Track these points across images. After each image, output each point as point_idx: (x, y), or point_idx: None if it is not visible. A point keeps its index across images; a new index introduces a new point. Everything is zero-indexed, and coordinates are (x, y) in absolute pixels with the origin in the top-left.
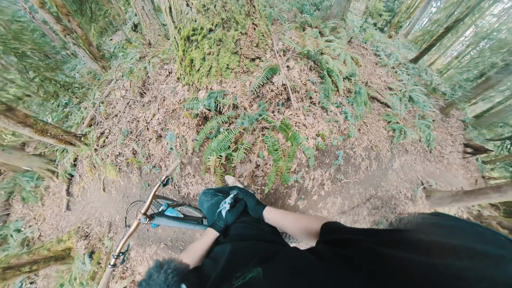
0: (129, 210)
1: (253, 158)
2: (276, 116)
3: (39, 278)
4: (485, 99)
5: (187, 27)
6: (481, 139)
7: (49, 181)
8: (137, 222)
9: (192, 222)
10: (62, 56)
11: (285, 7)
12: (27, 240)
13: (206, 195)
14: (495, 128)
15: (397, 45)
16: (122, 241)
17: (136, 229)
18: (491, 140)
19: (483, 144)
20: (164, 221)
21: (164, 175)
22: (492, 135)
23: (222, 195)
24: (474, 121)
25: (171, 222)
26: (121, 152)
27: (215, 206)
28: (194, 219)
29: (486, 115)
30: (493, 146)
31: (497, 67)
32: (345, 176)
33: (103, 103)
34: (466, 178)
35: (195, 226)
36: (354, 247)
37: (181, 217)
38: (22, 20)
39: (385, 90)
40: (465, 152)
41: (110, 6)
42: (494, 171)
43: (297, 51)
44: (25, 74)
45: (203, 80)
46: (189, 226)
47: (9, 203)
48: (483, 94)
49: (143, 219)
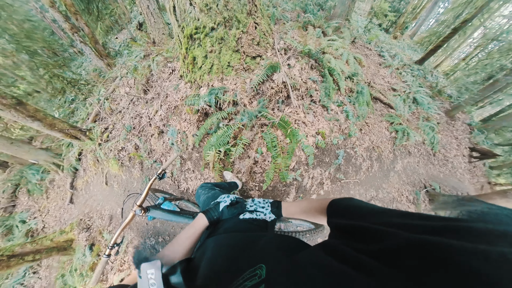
0: (126, 202)
1: (251, 154)
2: (275, 113)
3: (41, 268)
4: (494, 102)
5: (190, 26)
6: (488, 143)
7: (54, 175)
8: (133, 213)
9: (187, 216)
10: (70, 53)
11: (288, 7)
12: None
13: (204, 189)
14: (505, 133)
15: (402, 46)
16: (117, 232)
17: (131, 221)
18: (500, 145)
19: (490, 149)
20: (159, 214)
21: (161, 168)
22: (500, 140)
23: (220, 189)
24: (480, 124)
25: (166, 215)
26: (123, 147)
27: (211, 199)
28: (190, 213)
29: (494, 119)
30: (502, 151)
31: (506, 70)
32: (345, 176)
33: (108, 100)
34: (472, 183)
35: (189, 221)
36: (390, 241)
37: (177, 211)
38: (33, 20)
39: (388, 91)
40: (471, 157)
41: (116, 5)
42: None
43: (298, 50)
44: (36, 71)
45: (204, 77)
46: (183, 220)
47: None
48: (491, 97)
49: (138, 211)
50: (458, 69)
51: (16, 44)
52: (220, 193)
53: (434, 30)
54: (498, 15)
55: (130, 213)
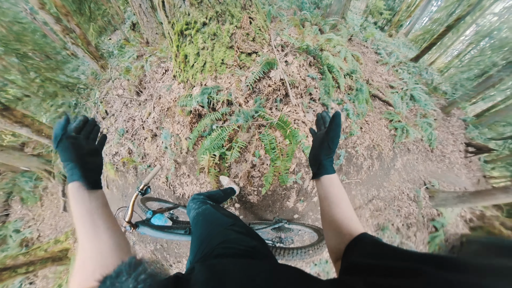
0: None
1: (248, 158)
2: (273, 113)
3: (38, 278)
4: (486, 98)
5: (180, 22)
6: (482, 138)
7: (47, 182)
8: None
9: (178, 232)
10: (63, 56)
11: (284, 5)
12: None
13: (195, 202)
14: (497, 128)
15: (398, 44)
16: None
17: None
18: (493, 139)
19: (485, 144)
20: (148, 231)
21: (143, 183)
22: (493, 134)
23: (212, 203)
24: (475, 120)
25: (155, 233)
26: (117, 152)
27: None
28: (182, 227)
29: (487, 114)
30: (495, 145)
31: (498, 66)
32: (347, 176)
33: (102, 103)
34: (469, 178)
35: (181, 237)
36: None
37: (167, 225)
38: (23, 22)
39: (386, 89)
40: (467, 152)
41: (109, 5)
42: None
43: (296, 46)
44: (26, 74)
45: (197, 76)
46: (174, 238)
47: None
48: (484, 93)
49: (127, 227)
50: (452, 66)
51: (5, 47)
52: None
53: (428, 28)
54: (489, 13)
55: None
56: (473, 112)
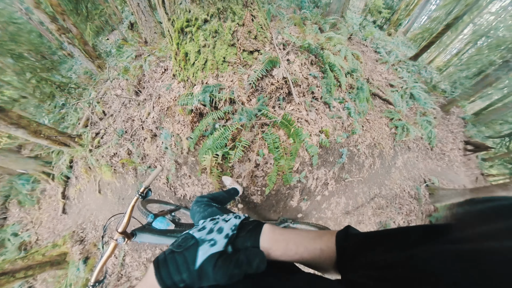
0: (107, 227)
1: (252, 157)
2: (276, 112)
3: (37, 282)
4: (483, 96)
5: (181, 18)
6: (480, 136)
7: (45, 184)
8: (114, 244)
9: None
10: (59, 56)
11: (284, 4)
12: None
13: (199, 205)
14: (494, 126)
15: (397, 43)
16: (97, 268)
17: (113, 252)
18: (490, 137)
19: (483, 142)
20: (148, 238)
21: (143, 186)
22: (491, 133)
23: (217, 205)
24: (473, 118)
25: (156, 238)
26: (116, 153)
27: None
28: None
29: (484, 112)
30: (492, 144)
31: (494, 65)
32: (350, 174)
33: (99, 103)
34: (467, 175)
35: None
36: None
37: (170, 229)
38: (18, 22)
39: (386, 87)
40: (466, 150)
41: (106, 5)
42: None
43: (298, 45)
44: (22, 75)
45: (198, 74)
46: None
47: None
48: (482, 92)
49: (120, 239)
50: (451, 65)
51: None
52: (218, 211)
53: (427, 27)
54: (486, 12)
55: (111, 243)
56: (471, 110)
